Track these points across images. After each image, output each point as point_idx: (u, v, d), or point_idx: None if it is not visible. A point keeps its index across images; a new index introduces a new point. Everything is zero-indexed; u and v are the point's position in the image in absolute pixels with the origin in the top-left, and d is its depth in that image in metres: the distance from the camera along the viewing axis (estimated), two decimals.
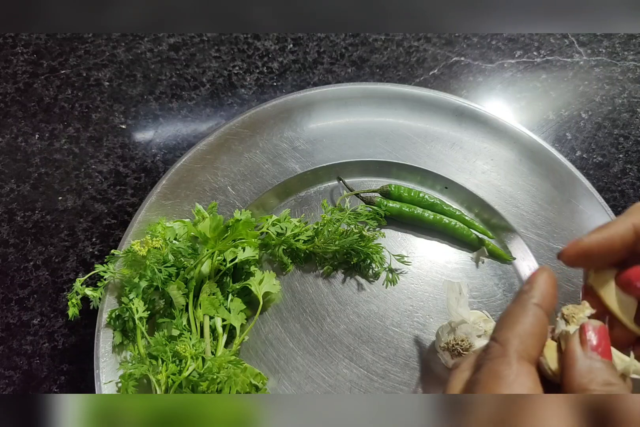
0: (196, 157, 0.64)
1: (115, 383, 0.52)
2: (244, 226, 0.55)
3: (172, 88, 0.77)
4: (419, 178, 0.66)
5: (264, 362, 0.56)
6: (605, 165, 0.71)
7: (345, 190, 0.65)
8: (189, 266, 0.55)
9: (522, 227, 0.62)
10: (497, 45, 0.81)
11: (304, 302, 0.60)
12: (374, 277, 0.61)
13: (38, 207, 0.68)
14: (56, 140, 0.73)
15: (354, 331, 0.58)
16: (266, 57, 0.80)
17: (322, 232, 0.59)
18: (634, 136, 0.73)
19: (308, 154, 0.66)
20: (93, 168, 0.71)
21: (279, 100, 0.67)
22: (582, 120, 0.75)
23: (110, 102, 0.76)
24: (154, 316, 0.55)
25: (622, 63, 0.79)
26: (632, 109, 0.75)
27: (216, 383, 0.49)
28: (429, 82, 0.77)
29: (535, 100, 0.76)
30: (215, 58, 0.79)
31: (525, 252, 0.61)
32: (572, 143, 0.73)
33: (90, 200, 0.69)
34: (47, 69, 0.78)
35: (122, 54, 0.80)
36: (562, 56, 0.80)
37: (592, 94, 0.77)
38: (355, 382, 0.55)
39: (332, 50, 0.80)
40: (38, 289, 0.63)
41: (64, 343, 0.61)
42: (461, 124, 0.67)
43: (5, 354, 0.60)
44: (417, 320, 0.59)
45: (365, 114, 0.68)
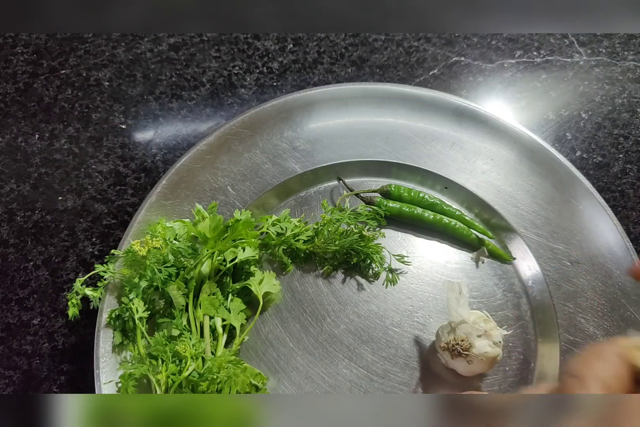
0: (196, 157, 0.64)
1: (115, 383, 0.52)
2: (244, 225, 0.55)
3: (172, 88, 0.77)
4: (419, 178, 0.66)
5: (264, 362, 0.56)
6: (605, 165, 0.71)
7: (345, 190, 0.65)
8: (189, 266, 0.55)
9: (522, 227, 0.62)
10: (497, 45, 0.81)
11: (304, 302, 0.60)
12: (374, 277, 0.61)
13: (38, 207, 0.68)
14: (56, 140, 0.73)
15: (354, 331, 0.58)
16: (266, 57, 0.80)
17: (322, 232, 0.59)
18: (634, 136, 0.73)
19: (308, 154, 0.66)
20: (93, 168, 0.71)
21: (279, 100, 0.67)
22: (582, 120, 0.75)
23: (110, 102, 0.76)
24: (154, 316, 0.55)
25: (622, 63, 0.79)
26: (632, 109, 0.75)
27: (216, 383, 0.49)
28: (429, 82, 0.77)
29: (535, 100, 0.76)
30: (215, 58, 0.79)
31: (525, 252, 0.61)
32: (572, 143, 0.73)
33: (90, 200, 0.69)
34: (47, 69, 0.78)
35: (122, 54, 0.80)
36: (562, 56, 0.80)
37: (592, 94, 0.77)
38: (355, 382, 0.55)
39: (332, 50, 0.80)
40: (38, 289, 0.63)
41: (64, 343, 0.61)
42: (461, 124, 0.67)
43: (5, 354, 0.60)
44: (417, 320, 0.59)
45: (365, 114, 0.68)
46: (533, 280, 0.60)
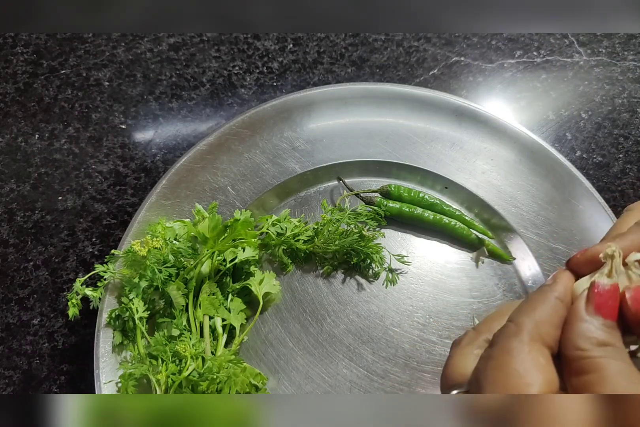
0: (196, 157, 0.64)
1: (115, 383, 0.52)
2: (243, 225, 0.55)
3: (172, 88, 0.77)
4: (419, 178, 0.66)
5: (264, 362, 0.56)
6: (605, 165, 0.71)
7: (345, 190, 0.65)
8: (188, 266, 0.55)
9: (522, 227, 0.62)
10: (497, 45, 0.81)
11: (304, 302, 0.60)
12: (374, 277, 0.61)
13: (38, 207, 0.68)
14: (56, 140, 0.73)
15: (354, 331, 0.58)
16: (266, 57, 0.80)
17: (322, 232, 0.59)
18: (634, 136, 0.73)
19: (308, 154, 0.66)
20: (93, 168, 0.71)
21: (278, 100, 0.67)
22: (582, 120, 0.75)
23: (110, 102, 0.76)
24: (154, 316, 0.55)
25: (622, 63, 0.79)
26: (632, 109, 0.75)
27: (216, 383, 0.49)
28: (429, 82, 0.77)
29: (535, 100, 0.76)
30: (215, 58, 0.79)
31: (525, 252, 0.61)
32: (572, 143, 0.73)
33: (90, 200, 0.69)
34: (47, 69, 0.78)
35: (122, 54, 0.80)
36: (562, 56, 0.80)
37: (592, 94, 0.77)
38: (355, 382, 0.55)
39: (332, 50, 0.80)
40: (38, 289, 0.63)
41: (64, 343, 0.61)
42: (461, 124, 0.67)
43: (5, 354, 0.60)
44: (417, 320, 0.59)
45: (365, 114, 0.68)
46: (533, 280, 0.60)
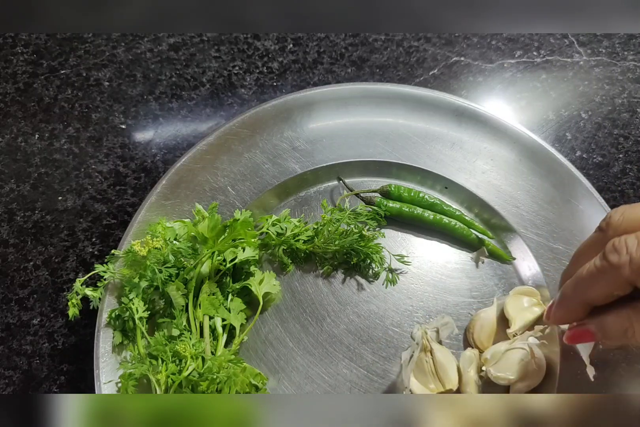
0: (196, 157, 0.64)
1: (115, 383, 0.52)
2: (242, 225, 0.55)
3: (172, 88, 0.77)
4: (419, 178, 0.66)
5: (264, 362, 0.56)
6: (605, 165, 0.71)
7: (345, 190, 0.65)
8: (188, 266, 0.55)
9: (522, 227, 0.62)
10: (497, 45, 0.81)
11: (304, 302, 0.60)
12: (374, 277, 0.61)
13: (38, 207, 0.68)
14: (56, 140, 0.73)
15: (354, 331, 0.58)
16: (266, 57, 0.80)
17: (322, 232, 0.59)
18: (634, 136, 0.73)
19: (308, 154, 0.66)
20: (93, 168, 0.71)
21: (279, 100, 0.67)
22: (582, 120, 0.75)
23: (110, 102, 0.76)
24: (154, 316, 0.55)
25: (622, 63, 0.79)
26: (632, 109, 0.75)
27: (216, 383, 0.49)
28: (429, 82, 0.77)
29: (535, 100, 0.76)
30: (215, 58, 0.79)
31: (525, 252, 0.61)
32: (572, 143, 0.73)
33: (90, 200, 0.69)
34: (47, 69, 0.78)
35: (122, 54, 0.80)
36: (562, 56, 0.80)
37: (592, 94, 0.77)
38: (355, 382, 0.55)
39: (332, 50, 0.80)
40: (38, 289, 0.63)
41: (64, 343, 0.61)
42: (461, 124, 0.67)
43: (5, 354, 0.60)
44: (417, 320, 0.59)
45: (365, 114, 0.68)
46: (533, 280, 0.60)
